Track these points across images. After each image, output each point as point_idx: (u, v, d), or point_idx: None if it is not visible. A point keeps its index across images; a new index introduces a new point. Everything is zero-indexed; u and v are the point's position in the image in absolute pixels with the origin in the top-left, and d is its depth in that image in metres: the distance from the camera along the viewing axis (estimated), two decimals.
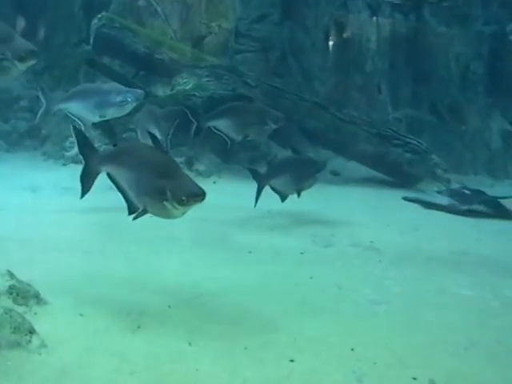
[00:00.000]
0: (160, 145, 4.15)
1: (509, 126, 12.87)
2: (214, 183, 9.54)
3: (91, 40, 10.50)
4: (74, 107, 7.03)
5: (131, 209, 4.22)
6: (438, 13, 12.73)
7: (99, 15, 10.46)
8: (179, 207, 3.86)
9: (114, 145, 4.50)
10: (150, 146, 4.21)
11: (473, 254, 6.23)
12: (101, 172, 4.51)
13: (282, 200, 6.97)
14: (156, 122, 7.42)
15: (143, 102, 7.68)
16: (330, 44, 12.60)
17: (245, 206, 6.90)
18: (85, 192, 4.73)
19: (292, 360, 3.54)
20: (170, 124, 7.53)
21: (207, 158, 10.12)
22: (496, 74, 12.91)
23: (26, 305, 3.87)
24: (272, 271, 5.24)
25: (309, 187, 7.10)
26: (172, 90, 9.85)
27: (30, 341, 3.45)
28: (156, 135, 4.19)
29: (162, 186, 3.85)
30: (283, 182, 6.90)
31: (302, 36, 12.21)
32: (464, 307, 4.68)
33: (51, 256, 5.20)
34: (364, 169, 10.54)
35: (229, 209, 7.48)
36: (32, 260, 4.98)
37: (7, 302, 3.77)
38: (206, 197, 3.92)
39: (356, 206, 8.42)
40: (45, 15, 12.00)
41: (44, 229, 5.98)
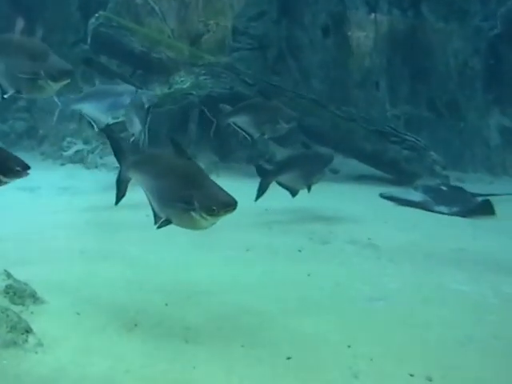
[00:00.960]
0: (185, 152, 3.91)
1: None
2: None
3: (88, 39, 10.50)
4: (88, 108, 7.06)
5: (156, 219, 3.98)
6: (437, 9, 12.71)
7: (96, 14, 10.46)
8: (208, 218, 3.63)
9: (142, 153, 4.32)
10: (175, 154, 3.94)
11: (470, 251, 6.23)
12: (129, 179, 4.32)
13: (293, 195, 7.01)
14: (137, 113, 7.41)
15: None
16: (328, 41, 12.57)
17: (243, 204, 6.86)
18: (118, 198, 4.47)
19: (289, 357, 3.54)
20: (146, 114, 7.51)
21: (205, 157, 10.10)
22: (494, 70, 12.90)
23: (23, 304, 3.88)
24: (270, 269, 5.24)
25: (318, 181, 7.14)
26: (169, 89, 9.84)
27: (27, 340, 3.46)
28: (179, 142, 3.92)
29: (189, 196, 3.63)
30: (292, 178, 6.95)
31: (300, 33, 12.20)
32: (461, 303, 4.68)
33: (48, 255, 5.20)
34: (362, 166, 10.54)
35: None
36: (29, 259, 4.98)
37: (4, 301, 3.78)
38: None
39: (354, 204, 8.42)
40: (42, 14, 11.98)
41: (41, 228, 5.98)
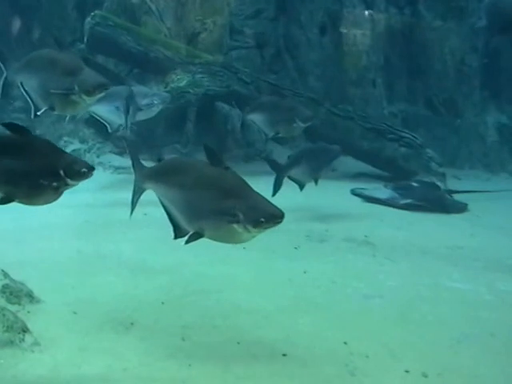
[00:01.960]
0: (221, 160, 3.57)
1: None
2: None
3: (85, 39, 10.46)
4: (102, 110, 7.00)
5: (178, 232, 3.73)
6: (433, 6, 12.71)
7: (93, 13, 10.42)
8: (253, 230, 3.36)
9: (159, 160, 3.84)
10: (206, 162, 3.61)
11: (467, 248, 6.25)
12: (145, 190, 4.01)
13: (301, 189, 7.05)
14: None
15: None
16: (325, 39, 12.57)
17: None
18: (132, 208, 4.16)
19: (284, 354, 3.56)
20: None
21: (202, 156, 10.06)
22: (491, 68, 12.91)
23: (19, 303, 3.89)
24: (266, 267, 5.24)
25: (325, 174, 7.26)
26: (166, 88, 9.83)
27: (23, 339, 3.47)
28: (213, 149, 3.60)
29: (232, 207, 3.34)
30: (301, 172, 7.00)
31: (297, 32, 12.20)
32: (458, 301, 4.70)
33: (44, 255, 5.19)
34: (360, 164, 10.54)
35: None
36: (25, 259, 4.97)
37: (0, 301, 3.79)
38: None
39: (351, 202, 8.41)
40: (38, 14, 11.97)
41: (37, 227, 5.97)
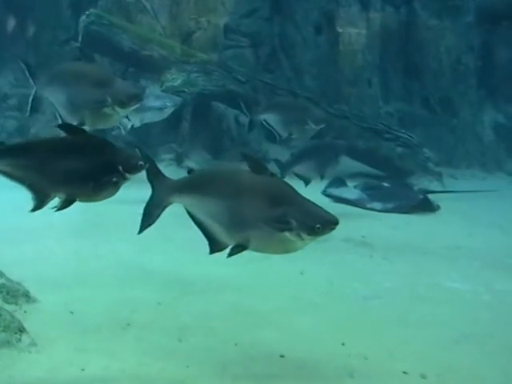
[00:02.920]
0: (264, 167, 3.37)
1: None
2: None
3: (79, 37, 10.42)
4: None
5: (215, 246, 3.48)
6: (429, 5, 12.71)
7: (87, 12, 10.37)
8: (307, 238, 3.28)
9: (189, 171, 3.62)
10: (246, 170, 3.41)
11: (466, 248, 6.25)
12: (170, 204, 3.67)
13: (306, 184, 7.03)
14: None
15: None
16: (320, 38, 12.54)
17: None
18: (145, 226, 3.64)
19: (282, 355, 3.53)
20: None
21: (197, 155, 10.07)
22: (488, 66, 12.92)
23: (16, 303, 3.86)
24: (263, 267, 5.20)
25: (332, 170, 7.33)
26: (161, 87, 9.80)
27: (20, 339, 3.42)
28: (253, 156, 3.43)
29: (283, 214, 3.20)
30: (307, 168, 7.00)
31: (292, 31, 12.18)
32: (456, 301, 4.69)
33: (41, 254, 5.17)
34: (356, 163, 10.52)
35: None
36: (22, 258, 4.94)
37: None
38: None
39: None
40: (32, 12, 11.91)
41: (34, 227, 5.92)
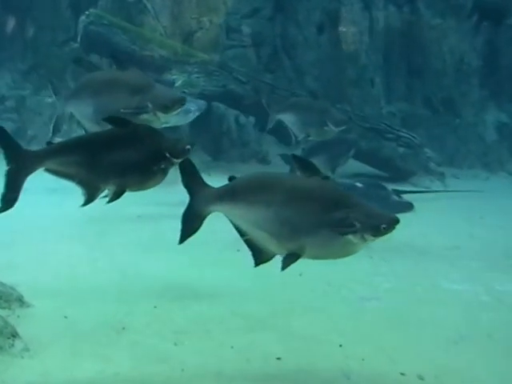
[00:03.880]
0: (317, 170, 3.34)
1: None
2: None
3: (79, 38, 10.39)
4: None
5: (260, 257, 3.48)
6: (433, 4, 12.65)
7: (87, 12, 10.34)
8: (370, 239, 3.23)
9: (230, 179, 3.50)
10: (295, 174, 3.38)
11: (465, 249, 6.22)
12: (210, 213, 3.58)
13: None
14: None
15: None
16: (323, 38, 12.51)
17: None
18: (184, 238, 3.63)
19: (279, 358, 3.50)
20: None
21: (196, 156, 10.02)
22: (491, 66, 12.87)
23: (9, 308, 3.83)
24: (260, 269, 5.16)
25: (343, 164, 7.46)
26: None
27: (13, 344, 3.40)
28: (303, 159, 3.36)
29: (345, 217, 3.14)
30: (318, 163, 6.99)
31: (294, 31, 12.14)
32: (455, 302, 4.66)
33: (35, 258, 5.13)
34: (358, 164, 10.48)
35: None
36: (16, 263, 4.89)
37: None
38: None
39: None
40: (32, 13, 11.90)
41: (28, 231, 5.91)
